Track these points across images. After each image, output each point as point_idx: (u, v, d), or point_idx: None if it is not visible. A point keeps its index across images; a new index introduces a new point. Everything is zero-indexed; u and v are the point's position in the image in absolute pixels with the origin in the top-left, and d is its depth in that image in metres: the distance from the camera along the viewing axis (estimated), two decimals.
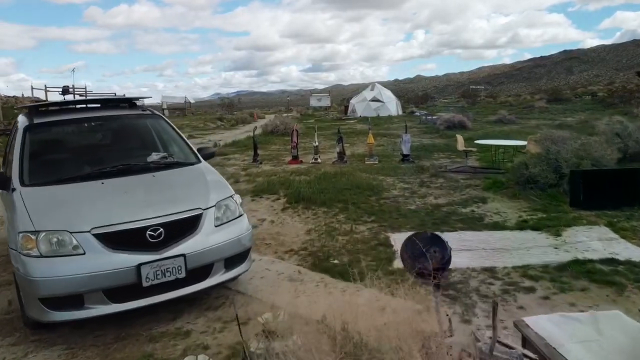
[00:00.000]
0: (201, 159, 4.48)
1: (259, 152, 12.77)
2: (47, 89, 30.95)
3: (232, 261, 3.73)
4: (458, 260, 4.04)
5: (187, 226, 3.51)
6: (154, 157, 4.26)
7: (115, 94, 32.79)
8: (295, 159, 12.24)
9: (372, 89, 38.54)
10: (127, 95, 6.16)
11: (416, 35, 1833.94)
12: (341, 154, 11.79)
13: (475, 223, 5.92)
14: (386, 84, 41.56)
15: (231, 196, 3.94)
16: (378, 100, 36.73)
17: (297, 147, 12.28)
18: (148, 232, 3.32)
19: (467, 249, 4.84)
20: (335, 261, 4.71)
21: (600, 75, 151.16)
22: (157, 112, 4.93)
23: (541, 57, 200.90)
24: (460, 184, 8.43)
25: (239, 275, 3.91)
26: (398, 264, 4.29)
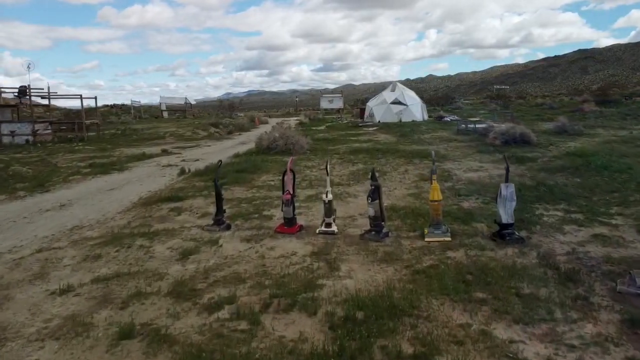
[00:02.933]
0: None
1: (224, 204, 7.11)
2: (1, 89, 25.39)
3: None
4: None
5: None
6: None
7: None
8: (289, 224, 6.53)
9: (392, 90, 32.35)
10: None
11: (428, 35, 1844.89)
12: (377, 220, 6.04)
13: None
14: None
15: None
16: (400, 103, 30.62)
17: (292, 201, 6.54)
18: None
19: None
20: None
21: (617, 74, 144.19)
22: None
23: (555, 56, 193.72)
24: None
25: None
26: None
